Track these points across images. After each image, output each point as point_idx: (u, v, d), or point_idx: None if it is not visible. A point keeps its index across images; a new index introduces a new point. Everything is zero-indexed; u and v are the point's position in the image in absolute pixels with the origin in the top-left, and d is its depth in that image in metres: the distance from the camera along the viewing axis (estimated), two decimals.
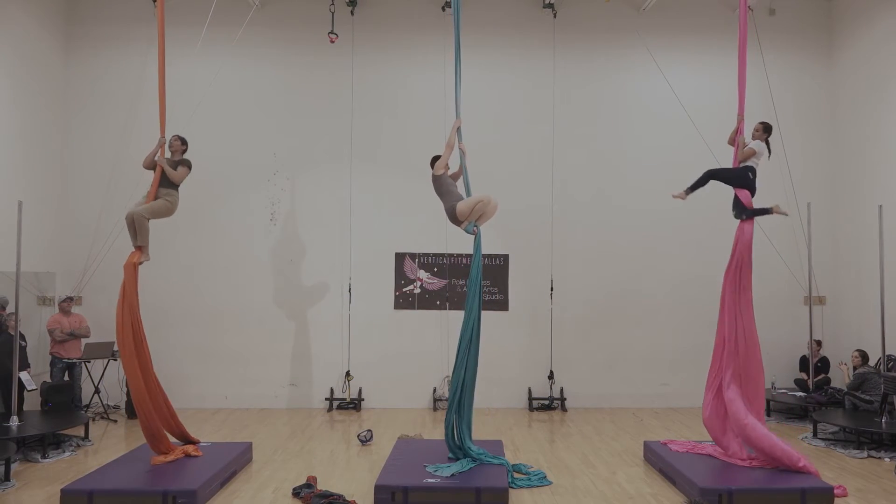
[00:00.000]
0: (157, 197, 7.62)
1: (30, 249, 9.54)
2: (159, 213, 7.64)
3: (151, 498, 6.24)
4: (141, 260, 7.53)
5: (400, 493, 6.31)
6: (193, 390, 11.08)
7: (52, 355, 10.11)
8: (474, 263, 7.49)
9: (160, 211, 7.63)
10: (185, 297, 11.23)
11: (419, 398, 11.34)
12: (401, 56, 11.65)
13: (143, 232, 7.53)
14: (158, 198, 7.63)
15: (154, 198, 7.62)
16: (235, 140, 11.46)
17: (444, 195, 7.62)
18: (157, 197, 7.63)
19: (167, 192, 7.68)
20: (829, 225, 11.67)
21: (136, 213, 7.47)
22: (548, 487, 7.07)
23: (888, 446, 8.46)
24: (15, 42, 10.20)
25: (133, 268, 7.42)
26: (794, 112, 11.46)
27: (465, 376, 7.28)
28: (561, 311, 11.46)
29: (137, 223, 7.49)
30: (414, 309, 11.51)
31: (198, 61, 10.29)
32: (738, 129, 7.79)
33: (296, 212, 11.53)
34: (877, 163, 10.73)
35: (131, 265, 7.43)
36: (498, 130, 11.42)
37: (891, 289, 9.52)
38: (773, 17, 11.71)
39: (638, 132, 11.69)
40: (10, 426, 8.11)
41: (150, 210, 7.55)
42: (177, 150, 7.88)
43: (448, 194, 7.58)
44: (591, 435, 9.50)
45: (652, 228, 11.61)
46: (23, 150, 10.38)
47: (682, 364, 11.50)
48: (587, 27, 11.75)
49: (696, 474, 6.77)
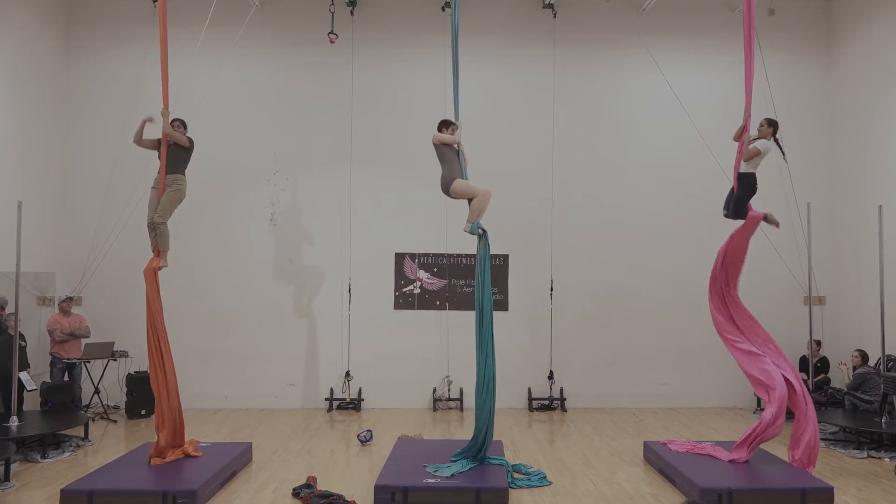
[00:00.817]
0: (165, 188, 7.56)
1: (30, 249, 9.54)
2: (173, 208, 7.65)
3: (151, 498, 6.24)
4: (161, 265, 7.56)
5: (400, 494, 6.31)
6: (193, 390, 11.04)
7: (51, 355, 10.11)
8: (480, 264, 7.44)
9: (173, 204, 7.64)
10: (185, 297, 11.21)
11: (419, 398, 11.34)
12: (401, 56, 11.65)
13: (164, 238, 7.61)
14: (167, 188, 7.57)
15: (163, 190, 7.57)
16: (235, 140, 11.47)
17: (444, 163, 7.56)
18: (166, 187, 7.56)
19: (174, 179, 7.62)
20: (829, 225, 11.67)
21: (156, 221, 7.51)
22: (548, 487, 7.07)
23: (888, 446, 8.46)
24: (15, 42, 10.20)
25: (153, 273, 7.46)
26: (794, 112, 11.44)
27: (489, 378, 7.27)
28: (561, 311, 11.46)
29: (159, 231, 7.55)
30: (414, 309, 11.51)
31: (198, 61, 10.28)
32: (744, 125, 7.51)
33: (296, 212, 11.53)
34: (877, 163, 10.73)
35: (151, 270, 7.47)
36: (498, 130, 11.42)
37: (891, 289, 9.52)
38: (773, 17, 11.70)
39: (638, 132, 11.69)
40: (9, 426, 8.11)
41: (167, 210, 7.56)
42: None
43: (448, 163, 7.52)
44: (591, 435, 9.50)
45: (652, 228, 11.61)
46: (23, 150, 10.38)
47: (682, 364, 11.51)
48: (587, 27, 11.75)
49: (696, 474, 6.76)
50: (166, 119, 7.56)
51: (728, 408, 11.39)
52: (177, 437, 7.41)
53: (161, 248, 7.60)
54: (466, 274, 11.44)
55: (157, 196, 7.61)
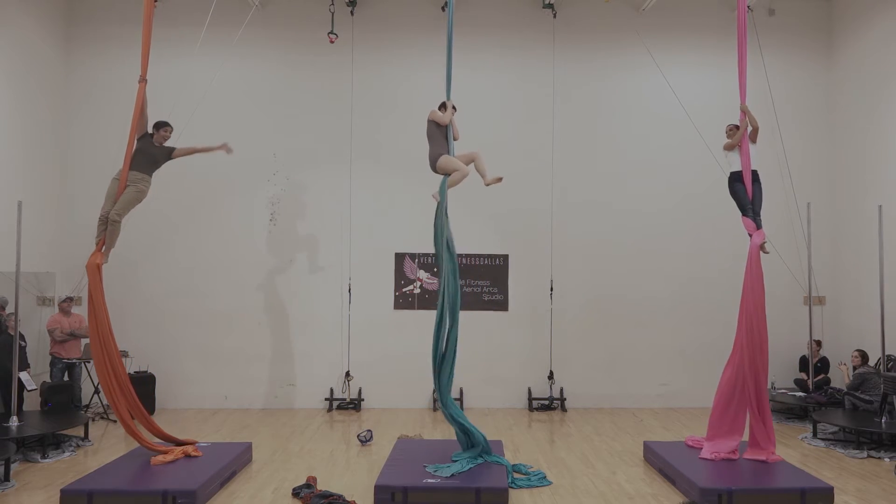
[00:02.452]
0: (128, 184, 7.39)
1: (30, 249, 9.53)
2: (131, 206, 7.47)
3: (151, 498, 6.24)
4: (104, 261, 7.46)
5: (400, 494, 6.31)
6: (193, 390, 11.08)
7: (51, 355, 10.11)
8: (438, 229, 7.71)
9: (132, 202, 7.46)
10: (185, 297, 11.23)
11: (419, 398, 11.33)
12: (401, 56, 11.65)
13: (114, 236, 7.46)
14: (129, 185, 7.40)
15: (124, 185, 7.40)
16: (235, 140, 11.28)
17: (431, 139, 7.91)
18: (128, 184, 7.40)
19: (141, 178, 7.45)
20: (829, 225, 11.67)
21: (111, 216, 7.34)
22: (548, 487, 7.07)
23: (888, 446, 8.45)
24: (15, 42, 10.20)
25: (96, 269, 7.34)
26: (794, 112, 11.46)
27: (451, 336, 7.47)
28: (561, 311, 11.46)
29: (111, 227, 7.38)
30: (414, 309, 11.51)
31: (198, 61, 10.29)
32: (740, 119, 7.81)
33: (296, 212, 11.53)
34: (877, 163, 10.73)
35: (94, 266, 7.34)
36: (497, 130, 11.41)
37: (891, 289, 9.52)
38: (773, 17, 11.71)
39: (638, 132, 11.69)
40: (9, 426, 8.11)
41: (125, 208, 7.40)
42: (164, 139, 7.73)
43: (435, 140, 7.88)
44: (591, 435, 9.49)
45: (652, 228, 11.61)
46: (23, 150, 10.38)
47: (681, 364, 11.51)
48: (587, 27, 11.75)
49: (696, 474, 6.76)
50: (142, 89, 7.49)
51: None
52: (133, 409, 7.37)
53: (107, 244, 7.46)
54: (466, 274, 11.43)
55: (118, 190, 7.43)
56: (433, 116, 7.90)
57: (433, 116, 7.90)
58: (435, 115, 7.90)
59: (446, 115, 7.94)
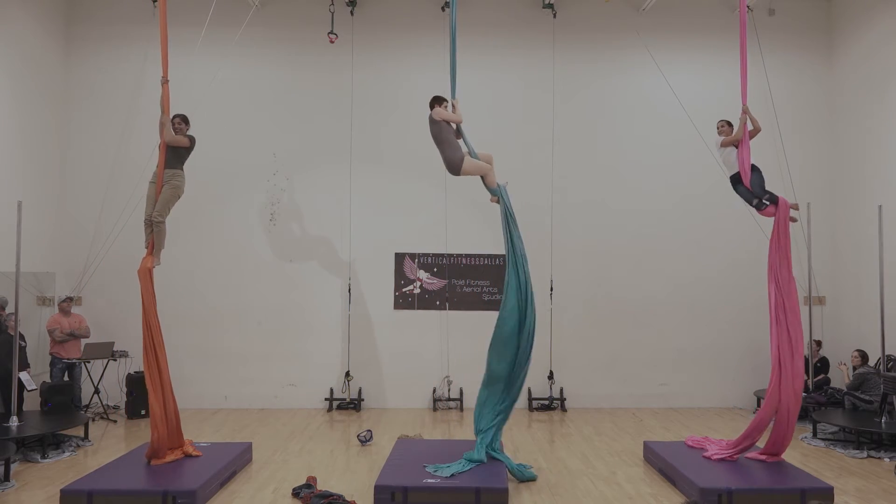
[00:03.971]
0: (163, 183, 7.50)
1: (29, 249, 9.54)
2: (171, 204, 7.58)
3: (151, 498, 6.24)
4: (155, 264, 7.50)
5: (400, 494, 6.31)
6: (193, 390, 11.06)
7: (51, 355, 10.11)
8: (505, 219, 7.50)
9: (171, 201, 7.57)
10: (185, 297, 11.22)
11: (419, 398, 11.33)
12: (401, 56, 11.65)
13: (161, 237, 7.54)
14: (164, 184, 7.51)
15: (161, 185, 7.51)
16: (235, 140, 11.47)
17: (442, 143, 7.35)
18: (164, 182, 7.50)
19: (172, 174, 7.54)
20: (828, 225, 11.67)
21: (154, 218, 7.44)
22: (548, 487, 7.07)
23: (888, 446, 8.46)
24: (15, 42, 10.20)
25: (147, 273, 7.38)
26: (794, 112, 11.46)
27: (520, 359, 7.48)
28: (561, 311, 11.45)
29: (156, 229, 7.47)
30: (414, 309, 11.51)
31: (198, 61, 10.29)
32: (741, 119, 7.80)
33: (296, 212, 11.53)
34: (877, 163, 10.73)
35: (146, 270, 7.39)
36: (497, 130, 11.39)
37: (891, 289, 9.52)
38: (773, 17, 11.71)
39: (638, 132, 11.69)
40: (9, 426, 8.11)
41: (165, 207, 7.49)
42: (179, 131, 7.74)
43: (448, 143, 7.32)
44: (591, 435, 9.49)
45: (652, 228, 11.61)
46: (23, 150, 10.38)
47: (682, 364, 11.51)
48: (587, 27, 11.74)
49: (696, 474, 6.76)
50: (168, 127, 7.51)
51: (727, 408, 11.39)
52: (172, 438, 7.33)
53: (156, 246, 7.52)
54: (466, 274, 11.44)
55: (156, 191, 7.54)
56: (442, 116, 7.31)
57: (442, 116, 7.31)
58: (444, 115, 7.32)
59: (457, 112, 7.46)
